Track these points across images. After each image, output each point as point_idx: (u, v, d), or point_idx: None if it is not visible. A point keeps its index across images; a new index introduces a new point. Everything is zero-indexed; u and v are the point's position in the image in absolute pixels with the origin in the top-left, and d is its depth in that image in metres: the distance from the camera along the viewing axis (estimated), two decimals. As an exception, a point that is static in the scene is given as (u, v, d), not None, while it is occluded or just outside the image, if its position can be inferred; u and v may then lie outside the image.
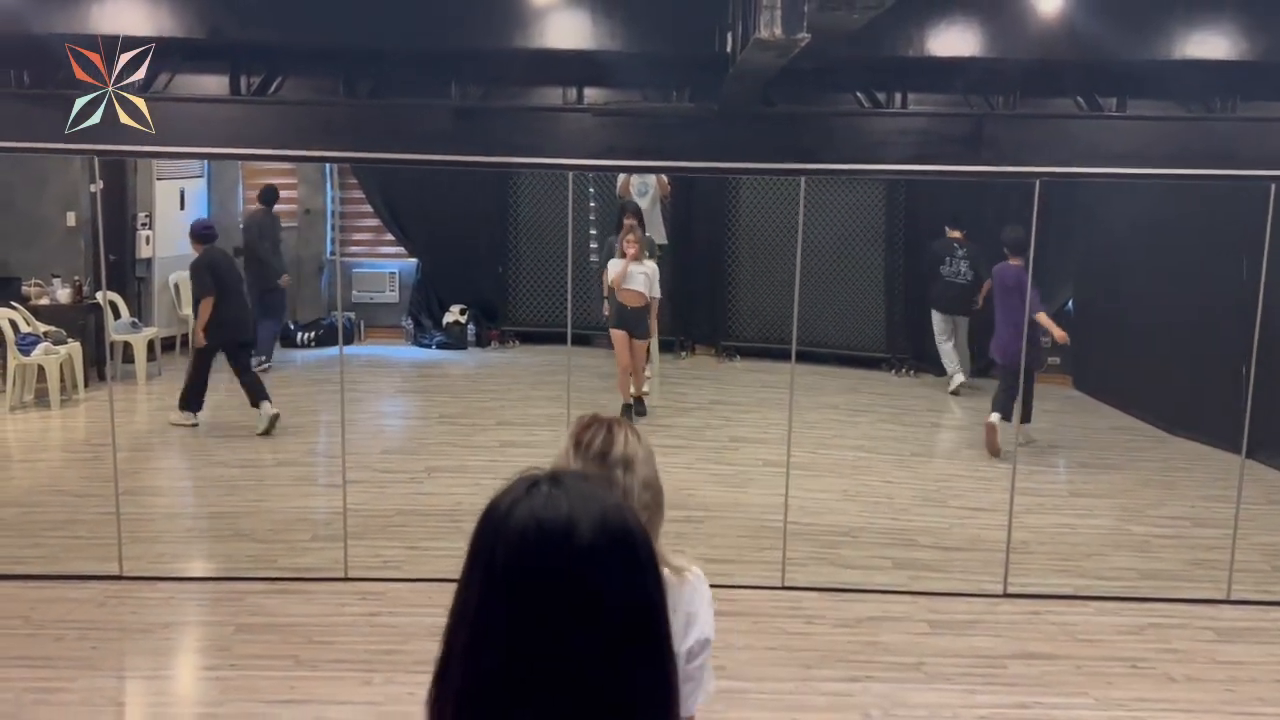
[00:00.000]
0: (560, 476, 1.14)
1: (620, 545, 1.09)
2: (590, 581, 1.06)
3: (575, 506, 1.09)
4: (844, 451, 7.85)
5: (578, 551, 1.06)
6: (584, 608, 1.06)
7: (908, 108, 5.26)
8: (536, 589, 1.06)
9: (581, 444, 2.05)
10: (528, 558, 1.07)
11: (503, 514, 1.10)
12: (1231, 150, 5.23)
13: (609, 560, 1.08)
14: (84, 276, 9.19)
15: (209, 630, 5.13)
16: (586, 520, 1.08)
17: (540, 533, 1.07)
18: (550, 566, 1.06)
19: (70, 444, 8.07)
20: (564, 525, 1.07)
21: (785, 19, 3.39)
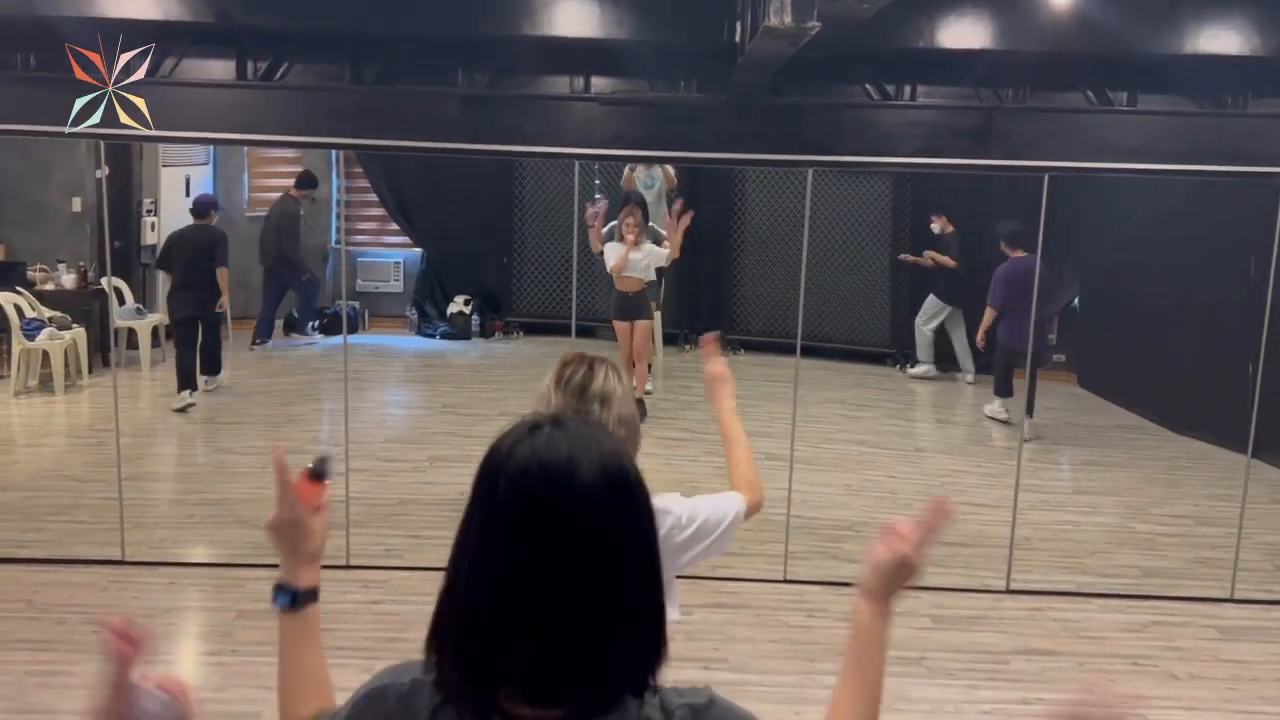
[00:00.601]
0: (562, 419, 1.19)
1: (617, 485, 1.14)
2: (588, 518, 1.11)
3: (575, 447, 1.13)
4: (847, 446, 7.84)
5: (577, 489, 1.11)
6: (581, 542, 1.11)
7: (917, 100, 5.23)
8: (536, 523, 1.11)
9: (562, 379, 2.13)
10: (528, 494, 1.12)
11: (505, 453, 1.15)
12: (1242, 147, 5.19)
13: (606, 498, 1.12)
14: (89, 262, 9.19)
15: (211, 616, 5.13)
16: (586, 460, 1.12)
17: (541, 470, 1.12)
18: (550, 503, 1.11)
19: (74, 429, 8.07)
20: (564, 464, 1.12)
21: (795, 6, 3.36)
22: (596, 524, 1.12)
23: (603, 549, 1.12)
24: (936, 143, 5.24)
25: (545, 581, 1.10)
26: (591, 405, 2.10)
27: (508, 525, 1.12)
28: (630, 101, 4.99)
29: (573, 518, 1.11)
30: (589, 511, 1.12)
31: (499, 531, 1.13)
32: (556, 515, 1.11)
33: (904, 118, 5.19)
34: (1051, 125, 5.22)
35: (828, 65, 4.90)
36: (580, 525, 1.11)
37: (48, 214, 9.39)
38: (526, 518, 1.11)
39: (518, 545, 1.11)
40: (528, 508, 1.12)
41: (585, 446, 1.14)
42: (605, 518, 1.12)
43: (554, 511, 1.11)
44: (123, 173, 9.44)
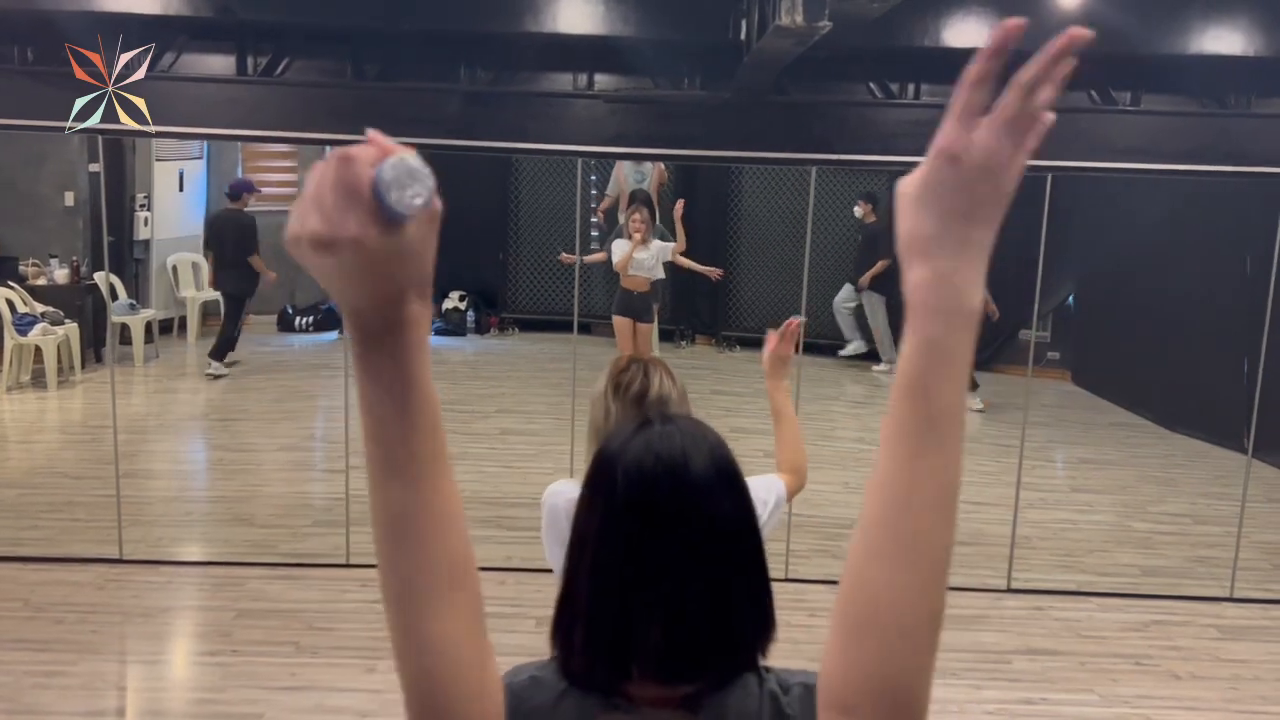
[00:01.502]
0: (670, 416, 1.29)
1: (726, 474, 1.21)
2: (702, 505, 1.18)
3: (687, 440, 1.21)
4: (846, 443, 7.83)
5: (691, 478, 1.18)
6: (697, 528, 1.17)
7: (920, 99, 5.22)
8: (655, 512, 1.17)
9: (620, 386, 2.16)
10: (647, 485, 1.18)
11: (618, 449, 1.22)
12: (1244, 147, 5.20)
13: (718, 487, 1.20)
14: (82, 257, 9.11)
15: (209, 615, 5.10)
16: (697, 452, 1.20)
17: (657, 462, 1.19)
18: (668, 492, 1.18)
19: (68, 425, 8.01)
20: (679, 455, 1.19)
21: (807, 6, 3.34)
22: (710, 510, 1.18)
23: (715, 533, 1.18)
24: (939, 142, 5.23)
25: (666, 567, 1.16)
26: (651, 413, 2.11)
27: (628, 515, 1.18)
28: (634, 99, 4.97)
29: (689, 506, 1.18)
30: (703, 499, 1.18)
31: (620, 522, 1.19)
32: (674, 504, 1.18)
33: (908, 116, 5.19)
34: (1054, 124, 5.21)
35: (832, 64, 4.88)
36: (696, 512, 1.18)
37: (40, 208, 9.31)
38: (646, 507, 1.18)
39: (639, 534, 1.17)
40: (647, 498, 1.18)
41: (695, 440, 1.22)
42: (717, 504, 1.19)
43: (672, 500, 1.18)
44: (116, 167, 9.36)
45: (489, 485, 6.53)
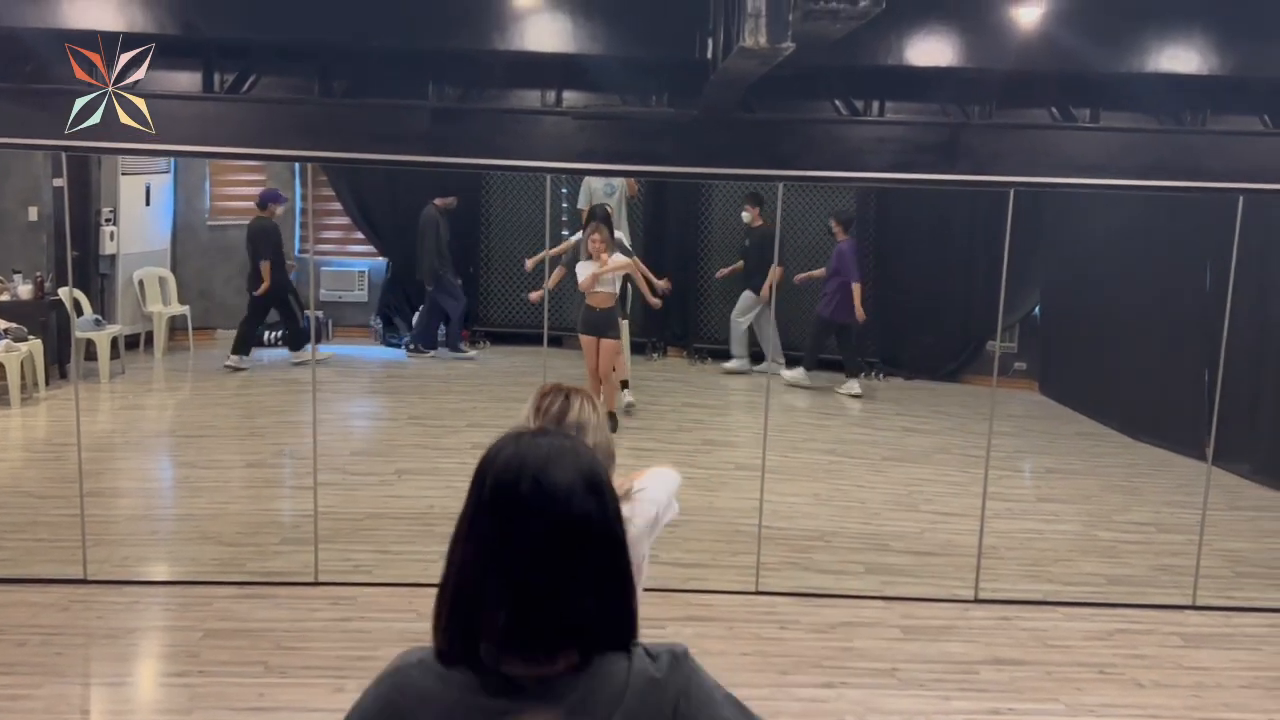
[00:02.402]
0: (545, 429, 1.47)
1: (587, 482, 1.33)
2: (557, 507, 1.31)
3: (553, 449, 1.35)
4: (815, 455, 7.89)
5: (550, 482, 1.31)
6: (555, 531, 1.30)
7: (885, 116, 5.29)
8: (513, 510, 1.31)
9: (540, 408, 2.30)
10: (509, 485, 1.32)
11: (494, 453, 1.36)
12: (1201, 163, 5.31)
13: (576, 493, 1.32)
14: (46, 272, 9.01)
15: (176, 635, 5.05)
16: (560, 459, 1.34)
17: (523, 465, 1.32)
18: (526, 492, 1.31)
19: (31, 443, 7.91)
20: (542, 460, 1.33)
21: (770, 27, 3.39)
22: (564, 510, 1.31)
23: (568, 531, 1.31)
24: (904, 158, 5.31)
25: (520, 557, 1.30)
26: (569, 433, 2.24)
27: (491, 513, 1.32)
28: (602, 115, 5.00)
29: (545, 504, 1.31)
30: (559, 500, 1.31)
31: (484, 518, 1.32)
32: (533, 501, 1.30)
33: (872, 133, 5.25)
34: (1016, 141, 5.31)
35: (798, 82, 4.94)
36: (550, 511, 1.31)
37: (3, 223, 9.20)
38: (507, 503, 1.31)
39: (498, 528, 1.31)
40: (508, 495, 1.31)
41: (560, 449, 1.36)
42: (572, 506, 1.31)
43: (531, 498, 1.30)
44: (81, 182, 9.27)
45: (459, 500, 6.49)
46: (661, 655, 1.35)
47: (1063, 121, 5.31)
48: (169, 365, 10.01)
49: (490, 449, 1.37)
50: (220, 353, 10.36)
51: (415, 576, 5.50)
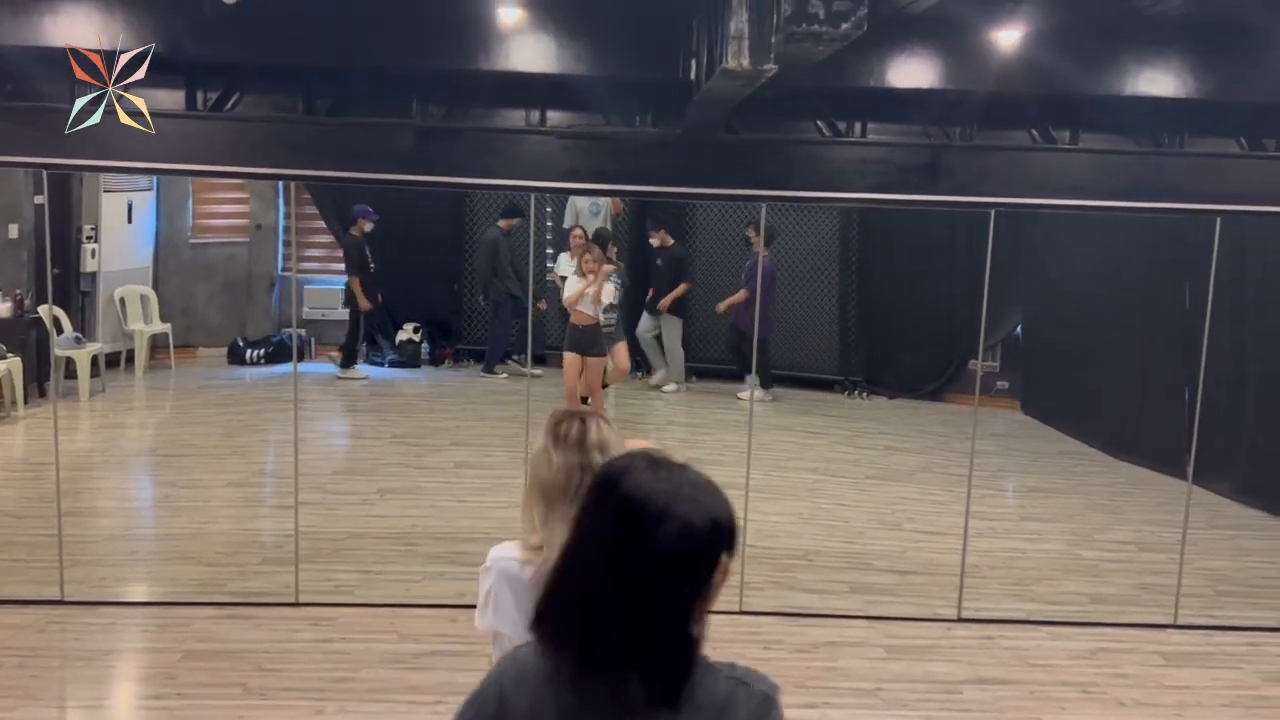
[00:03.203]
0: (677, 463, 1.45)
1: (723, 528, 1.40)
2: (693, 554, 1.38)
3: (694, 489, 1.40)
4: (800, 474, 7.89)
5: (692, 531, 1.37)
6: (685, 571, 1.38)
7: (867, 137, 5.33)
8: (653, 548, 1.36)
9: (560, 435, 2.26)
10: (652, 523, 1.36)
11: (625, 475, 1.41)
12: (1179, 184, 5.37)
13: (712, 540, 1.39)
14: (26, 290, 8.94)
15: (154, 657, 4.99)
16: (698, 501, 1.39)
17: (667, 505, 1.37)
18: (670, 537, 1.36)
19: (9, 462, 7.82)
20: (686, 504, 1.38)
21: (753, 49, 3.41)
22: (698, 557, 1.38)
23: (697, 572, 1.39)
24: (886, 178, 5.34)
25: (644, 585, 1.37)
26: (592, 454, 2.21)
27: (624, 539, 1.38)
28: (586, 135, 5.01)
29: (682, 550, 1.37)
30: (697, 548, 1.38)
31: (613, 539, 1.38)
32: (669, 545, 1.36)
33: (855, 154, 5.29)
34: (998, 162, 5.36)
35: (781, 102, 4.98)
36: (687, 555, 1.37)
37: (-17, 240, 9.14)
38: (642, 539, 1.37)
39: (628, 556, 1.37)
40: (645, 532, 1.36)
41: (698, 489, 1.41)
42: (706, 555, 1.39)
43: (669, 543, 1.36)
44: (62, 199, 9.23)
45: (442, 520, 6.49)
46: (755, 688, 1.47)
47: (1043, 143, 5.36)
48: (150, 383, 9.94)
49: (617, 468, 1.43)
50: (203, 370, 10.31)
51: (397, 597, 5.46)
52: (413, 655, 4.90)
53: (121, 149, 4.83)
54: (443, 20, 4.66)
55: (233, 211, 10.72)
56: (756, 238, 9.22)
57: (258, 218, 10.80)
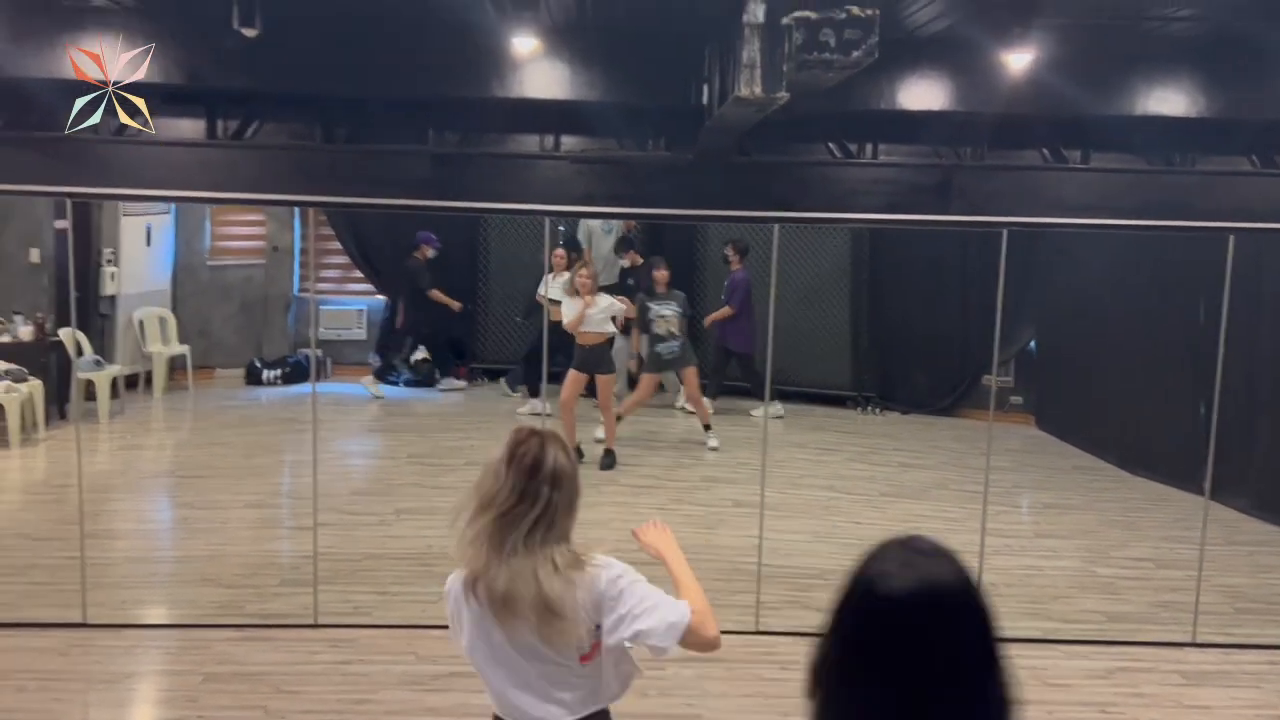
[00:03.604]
0: (919, 547, 1.43)
1: (978, 613, 1.39)
2: (954, 644, 1.36)
3: (953, 580, 1.39)
4: (814, 491, 7.89)
5: (956, 625, 1.36)
6: (948, 658, 1.36)
7: (878, 158, 5.37)
8: (919, 646, 1.35)
9: (515, 457, 2.26)
10: (917, 632, 1.35)
11: (884, 576, 1.38)
12: (1190, 202, 5.39)
13: (973, 626, 1.38)
14: (47, 313, 9.05)
15: (176, 680, 5.03)
16: (954, 591, 1.38)
17: (932, 607, 1.36)
18: (937, 637, 1.35)
19: (30, 485, 7.90)
20: (954, 601, 1.37)
21: (765, 78, 3.46)
22: (959, 645, 1.36)
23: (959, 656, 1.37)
24: (898, 199, 5.39)
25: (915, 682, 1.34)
26: (542, 486, 2.24)
27: (890, 640, 1.36)
28: (600, 160, 5.07)
29: (944, 640, 1.35)
30: (958, 639, 1.37)
31: (877, 640, 1.36)
32: (936, 638, 1.35)
33: (866, 175, 5.33)
34: (1009, 182, 5.39)
35: (792, 126, 5.02)
36: (948, 645, 1.35)
37: (5, 265, 9.25)
38: (907, 639, 1.35)
39: (894, 652, 1.35)
40: (911, 634, 1.35)
41: (956, 578, 1.39)
42: (968, 651, 1.38)
43: (935, 638, 1.35)
44: (82, 223, 9.34)
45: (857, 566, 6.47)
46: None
47: (1054, 163, 5.39)
48: (168, 405, 10.03)
49: (874, 564, 1.40)
50: (221, 391, 10.40)
51: (415, 618, 5.49)
52: (430, 677, 4.93)
53: (143, 177, 4.93)
54: (458, 50, 4.73)
55: (249, 234, 10.83)
56: (734, 255, 9.30)
57: (274, 239, 10.90)
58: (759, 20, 3.32)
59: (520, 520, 2.23)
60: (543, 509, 2.22)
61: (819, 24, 3.33)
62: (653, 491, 7.57)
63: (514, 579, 2.21)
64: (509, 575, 2.22)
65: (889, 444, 9.45)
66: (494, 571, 2.24)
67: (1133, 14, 4.47)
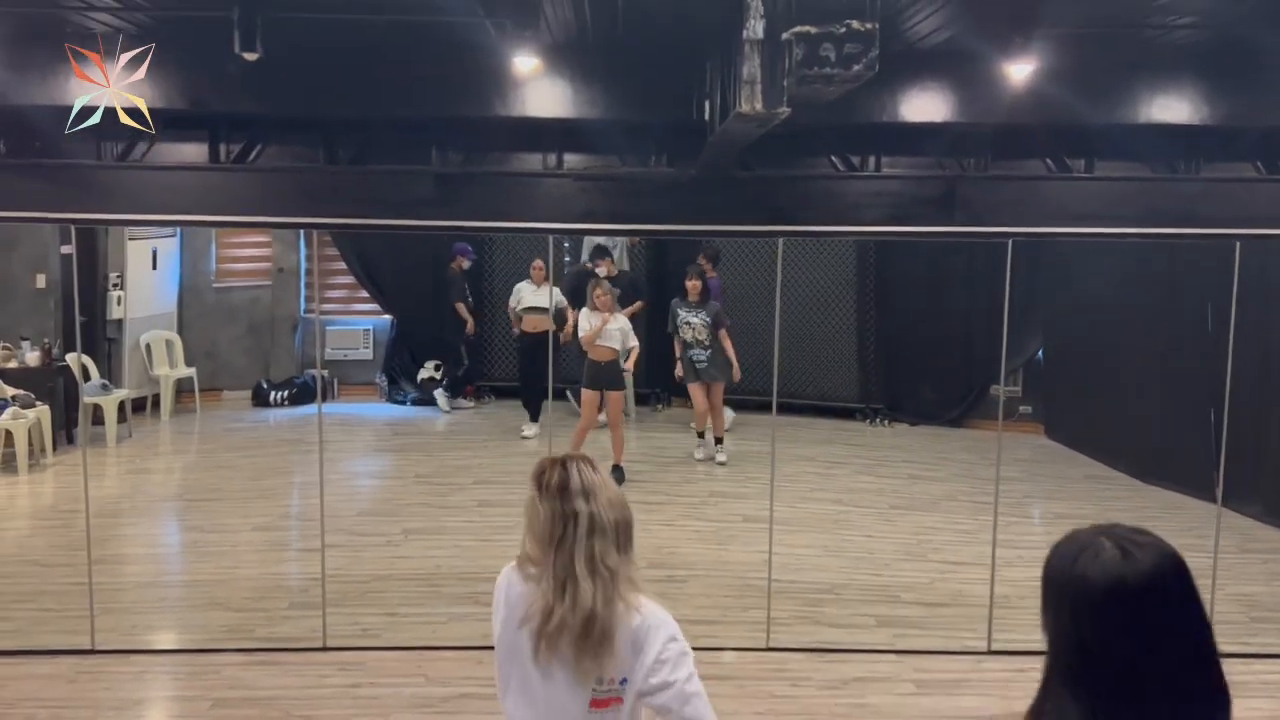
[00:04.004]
0: (1128, 534, 1.52)
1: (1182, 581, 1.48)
2: (1165, 616, 1.46)
3: (1157, 562, 1.48)
4: (823, 505, 7.86)
5: (1153, 597, 1.45)
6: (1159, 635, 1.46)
7: (881, 171, 5.36)
8: (1126, 625, 1.45)
9: (542, 484, 2.24)
10: (1114, 605, 1.45)
11: (1081, 572, 1.49)
12: (1195, 210, 5.37)
13: (1175, 599, 1.47)
14: (53, 339, 9.08)
15: (185, 706, 5.01)
16: (1158, 570, 1.47)
17: (1159, 600, 1.46)
18: (1136, 609, 1.44)
19: (39, 511, 7.91)
20: (1147, 578, 1.46)
21: (765, 93, 3.46)
22: (1172, 620, 1.47)
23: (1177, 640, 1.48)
24: (901, 210, 5.38)
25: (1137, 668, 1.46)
26: (576, 501, 2.21)
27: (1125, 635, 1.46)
28: (602, 177, 5.08)
29: (1153, 616, 1.45)
30: (1164, 611, 1.46)
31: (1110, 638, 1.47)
32: (1176, 623, 1.47)
33: (869, 188, 5.33)
34: (1013, 192, 5.38)
35: (794, 139, 5.02)
36: (1161, 621, 1.47)
37: (11, 291, 9.29)
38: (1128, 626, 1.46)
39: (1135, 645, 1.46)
40: (1119, 616, 1.45)
41: (1159, 562, 1.47)
42: (1175, 613, 1.48)
43: (1168, 623, 1.46)
44: (88, 247, 9.38)
45: (466, 560, 6.50)
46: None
47: (1058, 172, 5.38)
48: (176, 427, 10.04)
49: (1073, 564, 1.50)
50: (228, 413, 10.41)
51: (424, 640, 5.47)
52: (441, 699, 4.90)
53: (147, 201, 4.94)
54: (460, 70, 4.74)
55: (255, 255, 10.87)
56: (706, 263, 9.29)
57: (280, 261, 10.93)
58: (759, 36, 3.32)
59: (569, 543, 2.20)
60: (588, 524, 2.19)
61: (819, 38, 3.32)
62: (663, 508, 7.54)
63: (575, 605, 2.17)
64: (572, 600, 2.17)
65: (898, 456, 9.42)
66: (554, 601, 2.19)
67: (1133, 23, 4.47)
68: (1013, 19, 4.23)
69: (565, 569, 2.19)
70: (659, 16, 4.42)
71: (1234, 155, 5.46)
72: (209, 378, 10.54)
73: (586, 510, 2.20)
